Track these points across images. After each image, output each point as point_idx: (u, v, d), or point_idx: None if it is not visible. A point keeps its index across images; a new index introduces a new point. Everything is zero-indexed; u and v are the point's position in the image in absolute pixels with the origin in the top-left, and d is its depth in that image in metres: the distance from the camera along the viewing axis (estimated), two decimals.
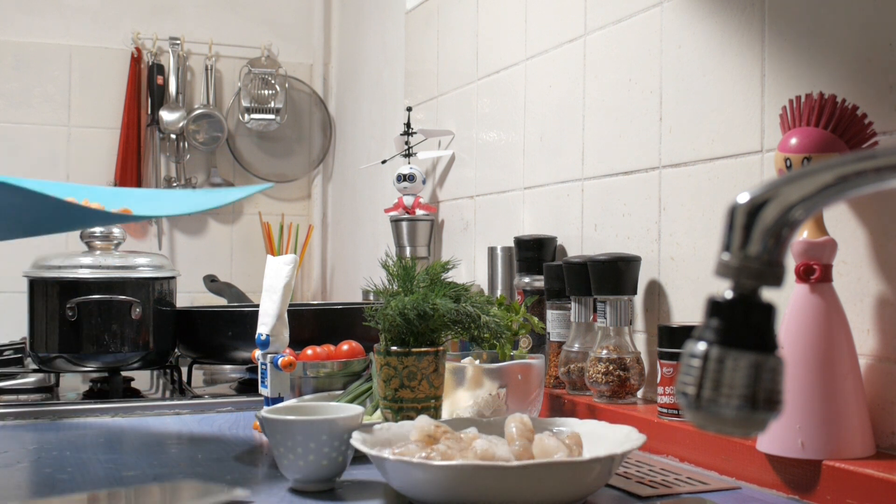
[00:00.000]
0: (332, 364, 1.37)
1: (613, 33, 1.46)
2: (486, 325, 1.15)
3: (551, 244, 1.57)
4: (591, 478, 0.89)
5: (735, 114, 1.21)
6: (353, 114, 2.82)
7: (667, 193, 1.34)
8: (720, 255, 0.59)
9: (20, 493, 1.02)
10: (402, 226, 2.07)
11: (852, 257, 1.02)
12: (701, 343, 0.58)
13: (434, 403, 1.13)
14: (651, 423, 1.18)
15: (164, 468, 1.13)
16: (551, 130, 1.64)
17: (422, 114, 2.20)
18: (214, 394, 1.65)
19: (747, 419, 0.57)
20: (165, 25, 2.89)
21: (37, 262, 1.64)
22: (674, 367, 1.16)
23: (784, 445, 0.96)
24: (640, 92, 1.39)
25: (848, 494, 0.91)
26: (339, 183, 2.95)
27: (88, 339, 1.59)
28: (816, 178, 0.58)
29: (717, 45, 1.24)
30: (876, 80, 1.00)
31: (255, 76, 2.91)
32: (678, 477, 1.06)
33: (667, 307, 1.33)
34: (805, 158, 0.97)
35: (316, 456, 0.99)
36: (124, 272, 1.62)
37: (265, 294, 1.33)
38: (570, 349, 1.39)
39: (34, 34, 2.76)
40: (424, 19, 2.20)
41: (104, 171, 2.80)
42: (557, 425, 1.06)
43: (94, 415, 1.50)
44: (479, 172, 1.93)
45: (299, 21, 3.03)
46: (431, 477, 0.87)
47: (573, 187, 1.56)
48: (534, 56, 1.70)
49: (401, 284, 1.15)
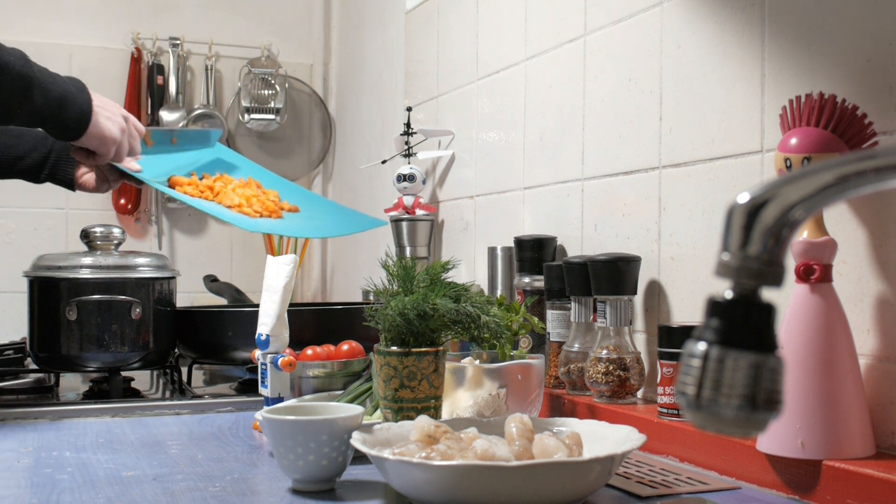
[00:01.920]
0: (332, 364, 1.37)
1: (613, 33, 1.46)
2: (486, 325, 1.15)
3: (551, 244, 1.57)
4: (591, 478, 0.89)
5: (735, 114, 1.21)
6: (353, 114, 2.82)
7: (667, 193, 1.34)
8: (720, 255, 0.59)
9: (20, 493, 1.02)
10: (402, 226, 2.07)
11: (852, 257, 1.02)
12: (701, 343, 0.58)
13: (434, 403, 1.13)
14: (651, 423, 1.18)
15: (164, 468, 1.13)
16: (551, 130, 1.64)
17: (422, 114, 2.20)
18: (214, 394, 1.65)
19: (747, 419, 0.57)
20: (165, 25, 2.89)
21: (37, 262, 1.64)
22: (674, 367, 1.16)
23: (784, 445, 0.96)
24: (640, 92, 1.39)
25: (848, 494, 0.91)
26: (339, 183, 2.95)
27: (88, 339, 1.59)
28: (816, 178, 0.58)
29: (717, 45, 1.24)
30: (876, 80, 1.00)
31: (255, 76, 2.91)
32: (678, 477, 1.06)
33: (667, 307, 1.33)
34: (805, 158, 0.97)
35: (316, 456, 0.99)
36: (124, 272, 1.62)
37: (265, 294, 1.34)
38: (570, 349, 1.39)
39: (34, 34, 2.76)
40: (424, 19, 2.20)
41: None
42: (557, 425, 1.06)
43: (94, 415, 1.50)
44: (479, 172, 1.93)
45: (299, 21, 3.03)
46: (431, 477, 0.87)
47: (573, 187, 1.56)
48: (534, 56, 1.70)
49: (401, 284, 1.15)
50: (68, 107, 1.42)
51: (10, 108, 1.39)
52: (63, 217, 2.80)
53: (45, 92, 1.39)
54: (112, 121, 1.50)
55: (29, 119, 1.42)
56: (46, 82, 1.40)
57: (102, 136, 1.48)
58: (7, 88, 1.35)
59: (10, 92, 1.36)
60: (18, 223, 2.76)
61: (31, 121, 1.42)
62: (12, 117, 1.41)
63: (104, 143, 1.49)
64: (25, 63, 1.38)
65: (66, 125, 1.44)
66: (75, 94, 1.44)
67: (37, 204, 2.77)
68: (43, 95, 1.38)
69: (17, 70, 1.35)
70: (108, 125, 1.49)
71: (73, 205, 2.80)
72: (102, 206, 2.83)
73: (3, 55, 1.35)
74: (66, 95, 1.42)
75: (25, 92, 1.36)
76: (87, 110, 1.45)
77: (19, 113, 1.40)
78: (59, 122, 1.44)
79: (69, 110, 1.43)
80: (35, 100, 1.38)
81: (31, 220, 2.77)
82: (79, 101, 1.44)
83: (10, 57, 1.36)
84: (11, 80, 1.35)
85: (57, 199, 2.80)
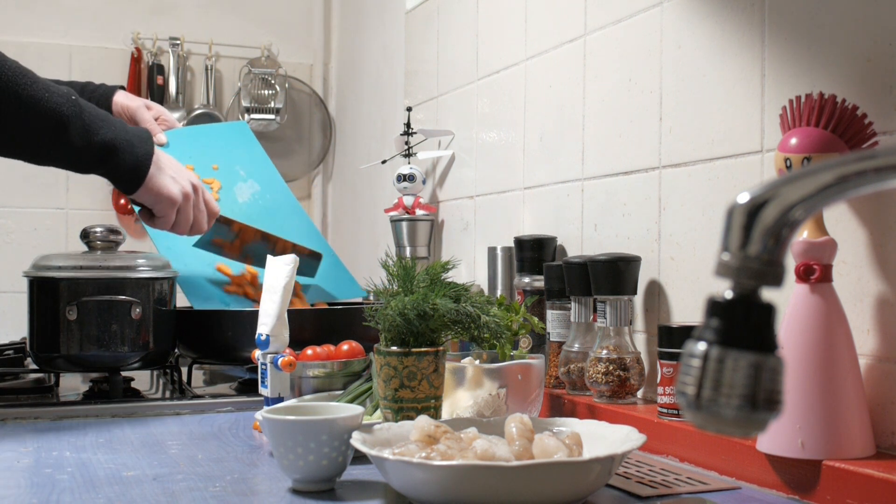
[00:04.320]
0: (332, 364, 1.37)
1: (613, 33, 1.46)
2: (486, 325, 1.15)
3: (551, 244, 1.57)
4: (591, 478, 0.89)
5: (735, 114, 1.21)
6: (353, 114, 2.82)
7: (667, 193, 1.34)
8: (720, 255, 0.59)
9: (20, 493, 1.02)
10: (402, 226, 2.07)
11: (852, 257, 1.02)
12: (701, 343, 0.58)
13: (434, 403, 1.13)
14: (651, 423, 1.18)
15: (164, 468, 1.13)
16: (551, 130, 1.64)
17: (422, 114, 2.20)
18: (214, 394, 1.65)
19: (747, 419, 0.57)
20: (165, 25, 2.89)
21: (37, 262, 1.64)
22: (674, 367, 1.16)
23: (784, 445, 0.96)
24: (640, 92, 1.39)
25: (848, 494, 0.91)
26: (339, 183, 2.95)
27: (88, 339, 1.59)
28: (816, 178, 0.58)
29: (717, 45, 1.24)
30: (876, 80, 1.00)
31: (255, 76, 2.91)
32: (678, 477, 1.06)
33: (667, 307, 1.33)
34: (805, 158, 0.97)
35: (316, 456, 0.99)
36: (124, 272, 1.61)
37: (265, 294, 1.34)
38: (570, 349, 1.39)
39: (34, 34, 2.76)
40: (424, 19, 2.20)
41: None
42: (557, 425, 1.06)
43: (94, 415, 1.50)
44: (479, 172, 1.93)
45: (299, 21, 3.03)
46: (431, 477, 0.87)
47: (573, 187, 1.56)
48: (534, 56, 1.70)
49: (401, 284, 1.15)
50: (121, 154, 1.37)
51: (39, 147, 1.33)
52: (63, 217, 2.80)
53: (87, 134, 1.33)
54: (175, 182, 1.45)
55: (69, 162, 1.36)
56: (92, 125, 1.34)
57: (160, 193, 1.43)
58: (31, 126, 1.29)
59: (34, 130, 1.30)
60: (18, 223, 2.76)
61: (72, 164, 1.37)
62: (43, 157, 1.35)
63: (160, 201, 1.44)
64: (65, 101, 1.31)
65: (118, 173, 1.38)
66: (134, 144, 1.38)
67: (37, 204, 2.77)
68: (84, 138, 1.32)
69: (47, 107, 1.29)
70: (167, 183, 1.44)
71: (73, 205, 2.80)
72: (102, 206, 2.83)
73: (37, 91, 1.29)
74: (120, 143, 1.37)
75: (57, 131, 1.31)
76: (144, 162, 1.39)
77: (52, 154, 1.34)
78: (109, 169, 1.38)
79: (122, 158, 1.37)
80: (73, 141, 1.32)
81: (31, 220, 2.77)
82: (137, 151, 1.38)
83: (45, 93, 1.30)
84: (38, 118, 1.29)
85: (57, 199, 2.80)
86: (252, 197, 1.93)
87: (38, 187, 2.79)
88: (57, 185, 2.80)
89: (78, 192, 2.82)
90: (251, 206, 1.92)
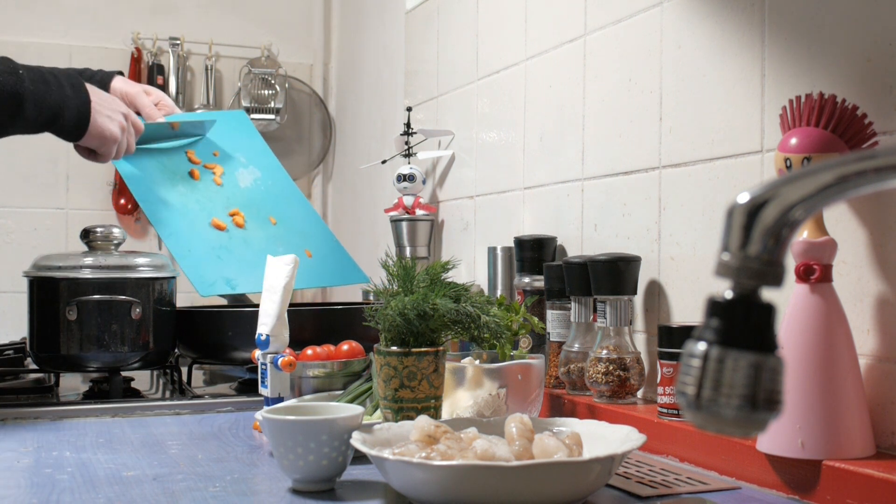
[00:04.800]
0: (332, 364, 1.37)
1: (613, 33, 1.46)
2: (486, 325, 1.15)
3: (551, 244, 1.57)
4: (591, 478, 0.89)
5: (735, 114, 1.21)
6: (353, 114, 2.82)
7: (667, 193, 1.34)
8: (720, 255, 0.59)
9: (20, 493, 1.02)
10: (402, 226, 2.07)
11: (852, 257, 1.02)
12: (701, 343, 0.58)
13: (434, 403, 1.13)
14: (651, 423, 1.18)
15: (164, 468, 1.13)
16: (551, 130, 1.64)
17: (422, 114, 2.20)
18: (214, 394, 1.65)
19: (747, 419, 0.57)
20: (165, 25, 2.89)
21: (37, 262, 1.64)
22: (674, 367, 1.16)
23: (784, 445, 0.96)
24: (640, 92, 1.39)
25: (848, 494, 0.91)
26: (339, 183, 2.95)
27: (88, 339, 1.59)
28: (816, 178, 0.58)
29: (717, 45, 1.24)
30: (876, 80, 1.00)
31: (255, 76, 2.91)
32: (678, 477, 1.06)
33: (667, 307, 1.33)
34: (805, 158, 0.97)
35: (316, 456, 0.99)
36: (124, 272, 1.61)
37: (265, 294, 1.34)
38: (570, 349, 1.39)
39: (34, 34, 2.76)
40: (424, 19, 2.20)
41: (105, 171, 2.80)
42: (557, 425, 1.06)
43: (94, 415, 1.50)
44: (479, 172, 1.93)
45: (299, 21, 3.03)
46: (431, 477, 0.87)
47: (573, 187, 1.56)
48: (534, 56, 1.70)
49: (401, 284, 1.15)
50: (65, 112, 1.41)
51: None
52: (63, 217, 2.80)
53: (38, 104, 1.37)
54: (112, 119, 1.50)
55: (25, 130, 1.41)
56: (40, 94, 1.38)
57: (103, 135, 1.48)
58: None
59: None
60: (18, 223, 2.76)
61: (27, 131, 1.42)
62: (3, 133, 1.40)
63: (105, 142, 1.49)
64: (13, 77, 1.35)
65: (64, 130, 1.43)
66: (72, 98, 1.42)
67: (37, 204, 2.78)
68: (36, 108, 1.37)
69: (4, 91, 1.34)
70: (107, 125, 1.49)
71: (73, 205, 2.80)
72: (102, 206, 2.83)
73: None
74: (62, 102, 1.41)
75: (16, 109, 1.35)
76: (85, 112, 1.44)
77: (11, 129, 1.39)
78: (57, 129, 1.43)
79: (66, 115, 1.42)
80: (28, 114, 1.37)
81: (31, 220, 2.77)
82: (76, 104, 1.43)
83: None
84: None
85: (57, 199, 2.80)
86: (254, 182, 1.95)
87: (38, 187, 2.79)
88: (57, 185, 2.80)
89: (78, 192, 2.82)
90: (253, 191, 1.93)
